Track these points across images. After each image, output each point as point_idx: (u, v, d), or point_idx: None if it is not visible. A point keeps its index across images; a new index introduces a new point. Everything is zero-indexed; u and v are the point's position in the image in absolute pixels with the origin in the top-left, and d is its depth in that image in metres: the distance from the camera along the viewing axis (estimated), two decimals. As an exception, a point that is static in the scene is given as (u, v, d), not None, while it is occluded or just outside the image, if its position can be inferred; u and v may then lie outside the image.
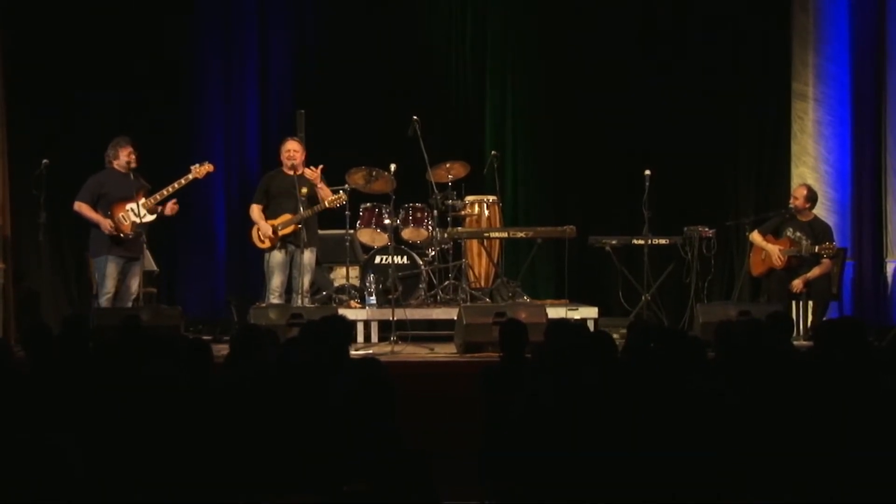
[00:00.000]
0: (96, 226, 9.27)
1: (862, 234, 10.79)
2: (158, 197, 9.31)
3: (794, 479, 4.22)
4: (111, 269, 9.25)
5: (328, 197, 9.51)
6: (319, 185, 9.53)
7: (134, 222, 9.26)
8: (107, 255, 9.25)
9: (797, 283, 9.61)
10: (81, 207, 9.30)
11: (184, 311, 9.28)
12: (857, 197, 10.83)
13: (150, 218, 9.34)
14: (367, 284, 9.86)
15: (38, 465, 4.05)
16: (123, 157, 9.34)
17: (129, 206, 9.28)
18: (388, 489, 4.15)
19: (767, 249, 9.77)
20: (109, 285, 9.25)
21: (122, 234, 9.24)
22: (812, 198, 9.90)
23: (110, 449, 4.45)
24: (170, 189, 9.35)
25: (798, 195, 9.89)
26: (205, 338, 8.97)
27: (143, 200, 9.31)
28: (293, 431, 4.46)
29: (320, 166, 9.57)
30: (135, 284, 9.36)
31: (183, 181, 9.44)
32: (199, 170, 9.51)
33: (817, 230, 9.76)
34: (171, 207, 9.37)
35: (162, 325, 8.48)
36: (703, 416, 4.44)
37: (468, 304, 9.70)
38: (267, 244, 9.56)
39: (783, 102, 11.19)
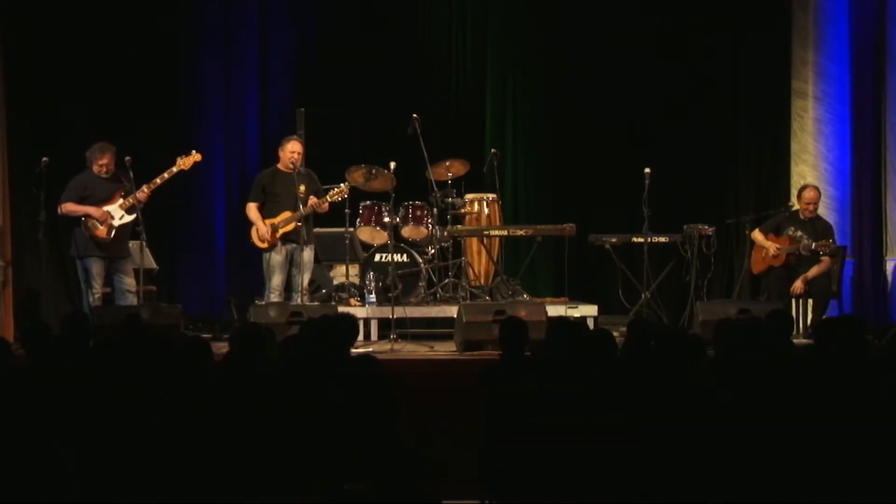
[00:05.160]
0: (79, 226, 9.26)
1: (862, 232, 10.79)
2: (139, 195, 9.26)
3: (794, 478, 4.22)
4: (96, 269, 9.25)
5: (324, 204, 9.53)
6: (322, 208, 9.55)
7: (111, 225, 9.24)
8: (90, 256, 9.25)
9: (798, 285, 9.59)
10: (68, 206, 9.29)
11: (183, 309, 9.29)
12: (857, 195, 10.82)
13: (128, 218, 9.30)
14: (367, 282, 9.86)
15: (36, 466, 4.05)
16: (95, 167, 9.32)
17: (106, 208, 9.27)
18: (388, 489, 4.15)
19: (766, 245, 9.77)
20: (97, 285, 9.25)
21: (99, 238, 9.23)
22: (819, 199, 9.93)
23: (110, 448, 4.45)
24: (152, 185, 9.30)
25: (813, 199, 9.80)
26: (204, 336, 8.99)
27: (120, 202, 9.29)
28: (293, 430, 4.46)
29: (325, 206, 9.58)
30: (129, 280, 9.35)
31: (166, 175, 9.37)
32: (185, 161, 9.42)
33: (819, 229, 9.75)
34: (143, 194, 9.24)
35: (162, 323, 8.49)
36: (701, 414, 4.45)
37: (468, 302, 9.70)
38: (266, 244, 9.56)
39: (783, 100, 11.19)
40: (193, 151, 9.52)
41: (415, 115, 10.06)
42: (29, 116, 10.59)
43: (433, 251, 10.40)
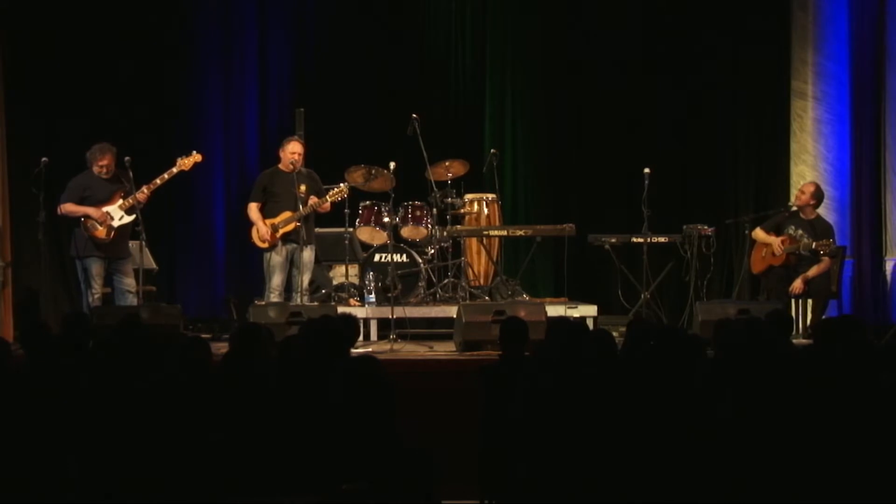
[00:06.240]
0: (79, 226, 9.28)
1: (861, 232, 10.78)
2: (139, 196, 9.26)
3: (793, 479, 4.22)
4: (96, 269, 9.27)
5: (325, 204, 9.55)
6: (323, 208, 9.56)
7: (110, 226, 9.26)
8: (90, 257, 9.27)
9: (797, 285, 9.58)
10: (67, 207, 9.31)
11: (183, 309, 9.28)
12: (857, 195, 10.82)
13: (128, 219, 9.32)
14: (367, 282, 9.86)
15: (36, 465, 4.05)
16: (95, 168, 9.33)
17: (105, 209, 9.28)
18: (387, 488, 4.15)
19: (769, 241, 9.76)
20: (97, 285, 9.28)
21: (99, 239, 9.25)
22: (818, 196, 9.88)
23: (110, 448, 4.45)
24: (152, 185, 9.31)
25: (805, 191, 9.84)
26: (204, 336, 8.99)
27: (119, 202, 9.30)
28: (292, 431, 4.46)
29: (326, 205, 9.58)
30: (129, 281, 9.37)
31: (166, 175, 9.38)
32: (185, 161, 9.43)
33: (818, 229, 9.74)
34: (143, 195, 9.25)
35: (161, 323, 8.48)
36: (702, 414, 4.45)
37: (467, 302, 9.70)
38: (266, 244, 9.57)
39: (782, 100, 11.19)
40: (194, 152, 9.54)
41: (414, 115, 10.06)
42: (29, 117, 10.59)
43: (433, 251, 10.41)
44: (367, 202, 10.24)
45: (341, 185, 9.79)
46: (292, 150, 9.58)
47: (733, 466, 4.24)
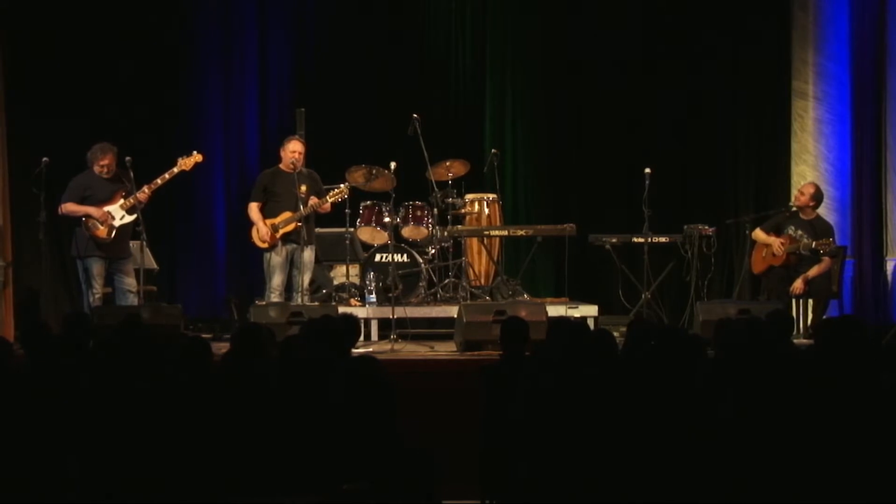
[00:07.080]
0: (80, 226, 9.28)
1: (862, 232, 10.78)
2: (140, 196, 9.27)
3: (794, 479, 4.22)
4: (97, 269, 9.28)
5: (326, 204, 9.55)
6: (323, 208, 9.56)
7: (111, 226, 9.27)
8: (90, 256, 9.27)
9: (797, 285, 9.58)
10: (68, 206, 9.32)
11: (184, 309, 9.29)
12: (857, 195, 10.82)
13: (129, 218, 9.33)
14: (367, 283, 9.86)
15: (37, 465, 4.05)
16: (96, 167, 9.34)
17: (106, 208, 9.29)
18: (388, 488, 4.15)
19: (769, 241, 9.76)
20: (97, 285, 9.29)
21: (100, 238, 9.26)
22: (818, 197, 9.87)
23: (110, 448, 4.45)
24: (153, 185, 9.31)
25: (805, 192, 9.85)
26: (205, 336, 8.98)
27: (120, 202, 9.31)
28: (293, 431, 4.46)
29: (326, 206, 9.58)
30: (129, 280, 9.37)
31: (167, 175, 9.39)
32: (186, 161, 9.44)
33: (819, 229, 9.74)
34: (144, 195, 9.25)
35: (162, 323, 8.49)
36: (703, 414, 4.45)
37: (468, 302, 9.70)
38: (267, 244, 9.57)
39: (783, 101, 11.19)
40: (195, 152, 9.54)
41: (415, 115, 10.06)
42: (29, 117, 10.58)
43: (433, 251, 10.41)
44: (368, 202, 10.24)
45: (342, 185, 9.79)
46: (293, 150, 9.58)
47: (734, 466, 4.24)
